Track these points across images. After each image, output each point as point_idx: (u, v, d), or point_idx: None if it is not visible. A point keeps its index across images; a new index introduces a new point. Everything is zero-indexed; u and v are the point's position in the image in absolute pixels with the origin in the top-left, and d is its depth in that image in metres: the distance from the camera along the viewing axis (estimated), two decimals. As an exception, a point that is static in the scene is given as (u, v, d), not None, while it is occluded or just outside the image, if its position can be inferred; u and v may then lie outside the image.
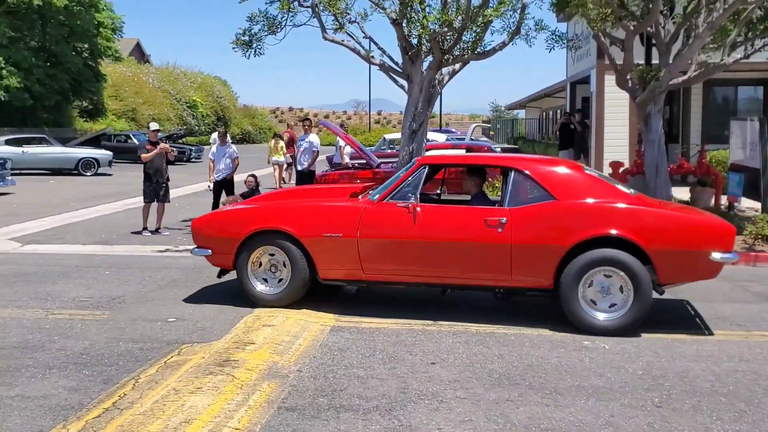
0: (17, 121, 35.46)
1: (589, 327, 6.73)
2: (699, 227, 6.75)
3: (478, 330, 6.92)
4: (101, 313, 7.47)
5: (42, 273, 9.45)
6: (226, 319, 7.17)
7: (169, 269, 9.85)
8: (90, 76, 36.69)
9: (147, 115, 48.34)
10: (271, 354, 6.01)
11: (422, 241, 6.99)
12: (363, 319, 7.26)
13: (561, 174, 7.03)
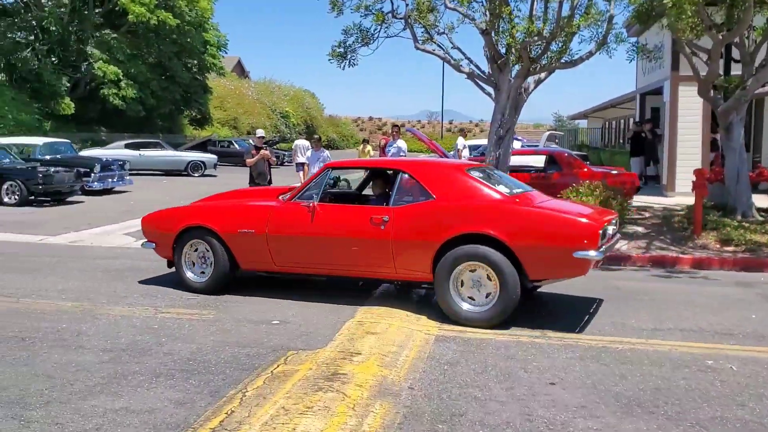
0: (136, 128, 35.80)
1: (459, 318, 6.43)
2: (562, 225, 6.27)
3: (590, 344, 5.86)
4: (208, 312, 6.71)
5: (153, 269, 8.82)
6: (329, 323, 6.30)
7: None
8: (198, 89, 36.77)
9: (246, 123, 48.47)
10: (380, 367, 5.08)
11: (318, 237, 7.01)
12: (466, 328, 6.28)
13: (441, 175, 6.88)
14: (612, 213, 7.14)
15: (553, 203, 6.99)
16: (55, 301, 7.06)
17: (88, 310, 6.73)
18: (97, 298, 7.23)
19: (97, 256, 9.92)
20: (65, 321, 6.29)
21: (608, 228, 6.60)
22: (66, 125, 31.20)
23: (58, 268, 8.93)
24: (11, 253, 10.09)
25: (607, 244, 6.47)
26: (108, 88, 30.33)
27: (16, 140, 20.48)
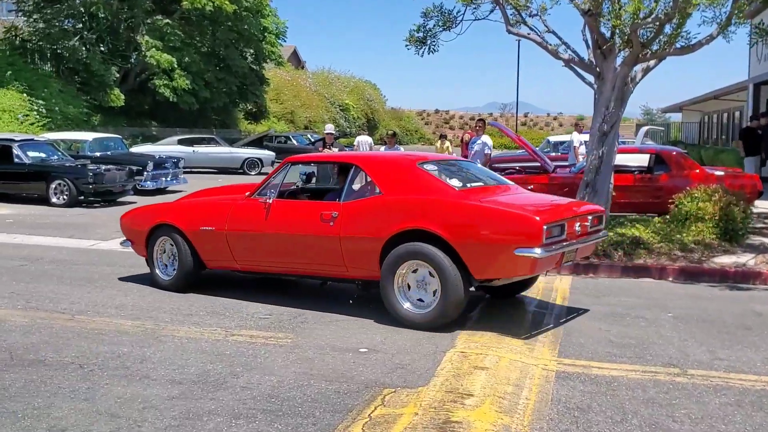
0: (189, 122, 36.18)
1: (403, 320, 6.55)
2: (501, 219, 6.28)
3: (743, 385, 5.24)
4: (284, 335, 6.35)
5: (217, 279, 8.55)
6: (426, 353, 5.85)
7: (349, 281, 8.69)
8: (255, 80, 36.93)
9: (304, 117, 48.62)
10: (498, 413, 4.59)
11: (272, 234, 7.25)
12: (590, 362, 5.73)
13: (390, 169, 7.01)
14: (590, 209, 7.16)
15: (509, 197, 6.92)
16: (114, 319, 6.83)
17: (151, 330, 6.46)
18: (159, 316, 6.97)
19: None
20: (126, 344, 6.02)
21: (567, 224, 6.46)
22: (115, 119, 31.74)
23: (114, 278, 8.78)
24: (62, 260, 10.02)
25: (564, 242, 6.37)
26: (160, 78, 30.65)
27: (64, 135, 20.79)
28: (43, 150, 17.82)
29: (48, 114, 24.46)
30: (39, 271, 9.13)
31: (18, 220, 14.00)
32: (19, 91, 24.22)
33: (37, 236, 12.16)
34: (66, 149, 19.08)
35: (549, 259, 6.25)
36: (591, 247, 7.16)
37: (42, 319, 6.75)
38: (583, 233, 6.78)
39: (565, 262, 6.68)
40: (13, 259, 10.03)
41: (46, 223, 13.76)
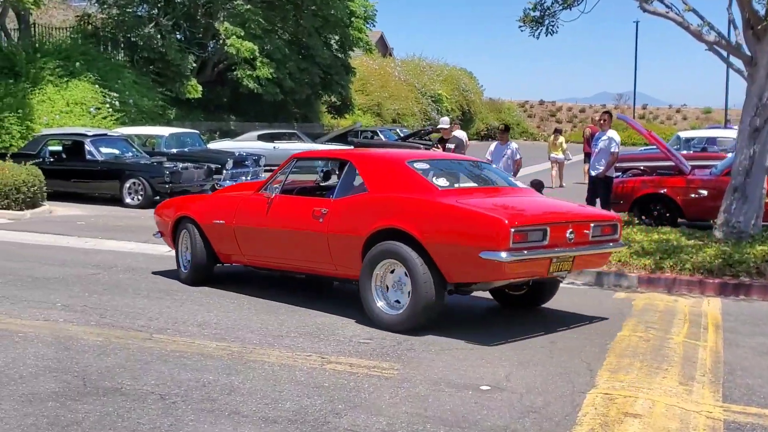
0: (269, 116, 36.48)
1: (376, 320, 6.98)
2: (468, 220, 6.60)
3: None
4: (389, 365, 5.99)
5: (306, 293, 8.29)
6: (560, 393, 5.38)
7: (463, 298, 8.32)
8: (340, 69, 36.85)
9: (392, 110, 48.40)
10: (664, 476, 4.09)
11: (270, 230, 7.98)
12: (765, 410, 5.13)
13: (378, 167, 7.53)
14: (593, 214, 7.61)
15: (498, 200, 7.19)
16: (196, 339, 6.64)
17: (238, 354, 6.23)
18: (246, 337, 6.74)
19: (240, 277, 9.57)
20: (211, 370, 5.79)
21: (550, 229, 6.62)
22: (191, 112, 32.25)
23: (193, 291, 8.65)
24: (137, 268, 10.00)
25: (547, 249, 6.57)
26: (242, 68, 30.91)
27: (138, 130, 21.22)
28: (117, 146, 18.18)
29: (121, 107, 24.94)
30: (113, 281, 9.11)
31: (89, 223, 14.22)
32: (91, 83, 24.77)
33: (110, 241, 12.28)
34: (140, 145, 19.43)
35: (525, 265, 6.52)
36: (599, 257, 7.47)
37: (118, 338, 6.62)
38: (581, 241, 6.94)
39: (559, 270, 6.84)
40: (86, 266, 10.08)
41: (120, 225, 13.92)
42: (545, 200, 8.07)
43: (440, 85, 55.82)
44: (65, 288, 8.64)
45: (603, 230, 7.28)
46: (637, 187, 12.96)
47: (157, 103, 27.83)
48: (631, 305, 8.40)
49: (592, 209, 8.95)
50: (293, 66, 33.70)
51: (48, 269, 9.77)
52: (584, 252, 7.02)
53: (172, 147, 19.69)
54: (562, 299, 8.62)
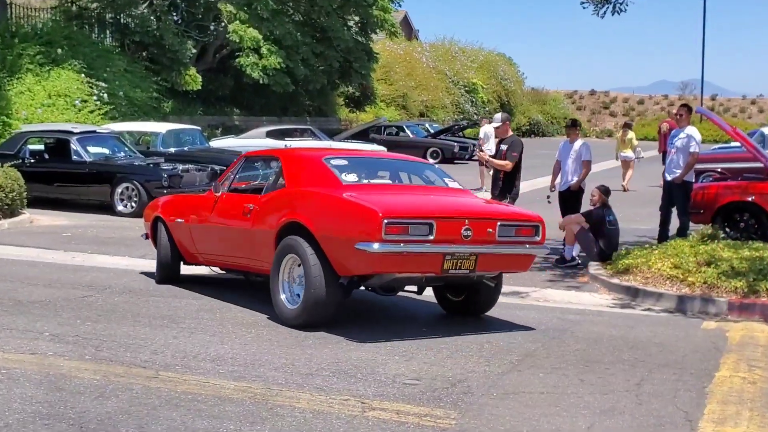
0: (278, 109, 36.38)
1: (280, 315, 8.07)
2: (348, 212, 7.64)
3: None
4: (444, 413, 5.73)
5: (338, 321, 8.06)
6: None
7: (517, 330, 8.07)
8: (360, 55, 36.62)
9: (419, 102, 48.20)
10: None
11: (213, 226, 9.34)
12: None
13: (297, 163, 8.78)
14: (504, 213, 8.41)
15: (405, 197, 8.28)
16: (210, 378, 6.42)
17: (261, 397, 6.00)
18: (270, 375, 6.52)
19: (258, 301, 9.34)
20: (231, 417, 5.56)
21: (437, 223, 7.38)
22: (190, 105, 32.19)
23: (204, 317, 8.46)
24: (136, 289, 9.85)
25: (434, 244, 7.40)
26: (246, 56, 30.83)
27: (131, 126, 21.15)
28: (107, 145, 18.09)
29: (111, 99, 24.86)
30: (108, 305, 8.95)
31: (77, 234, 14.11)
32: (76, 71, 24.71)
33: (102, 256, 12.19)
34: (134, 144, 19.32)
35: (407, 259, 7.38)
36: (514, 259, 8.09)
37: (118, 376, 6.41)
38: (484, 240, 7.63)
39: (457, 269, 7.58)
40: (75, 287, 9.94)
41: (112, 238, 13.81)
42: (461, 200, 8.53)
43: (475, 72, 55.56)
44: (53, 313, 8.46)
45: (517, 231, 7.95)
46: (721, 194, 12.65)
47: (152, 95, 27.76)
48: (725, 337, 8.12)
49: (507, 208, 9.07)
50: (306, 51, 33.54)
51: (32, 291, 9.62)
52: (489, 251, 7.71)
53: (169, 146, 19.56)
54: (641, 330, 8.38)
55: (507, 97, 58.02)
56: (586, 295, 10.23)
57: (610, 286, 10.33)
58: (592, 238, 11.58)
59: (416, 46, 55.34)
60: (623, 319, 8.97)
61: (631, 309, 9.53)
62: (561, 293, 10.29)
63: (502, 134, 11.99)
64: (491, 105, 55.51)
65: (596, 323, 8.77)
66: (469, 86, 53.98)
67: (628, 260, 10.63)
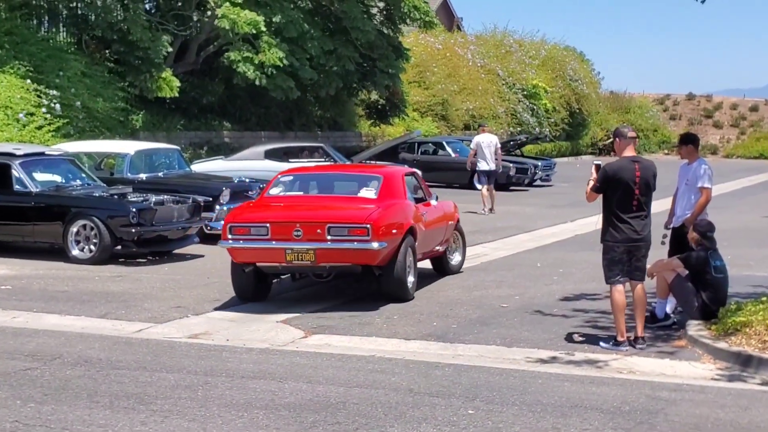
0: (280, 121, 36.54)
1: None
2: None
3: None
4: None
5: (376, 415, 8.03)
6: None
7: (594, 413, 8.02)
8: (386, 52, 36.74)
9: (463, 111, 48.26)
10: None
11: None
12: None
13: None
14: (319, 216, 13.31)
15: (285, 207, 14.11)
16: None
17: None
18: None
19: (249, 373, 9.49)
20: None
21: (270, 226, 13.09)
22: (166, 118, 32.32)
23: (181, 394, 8.53)
24: (93, 359, 9.94)
25: (265, 240, 13.02)
26: (238, 50, 30.97)
27: (91, 146, 21.33)
28: (59, 170, 18.23)
29: (65, 111, 25.03)
30: (58, 381, 9.00)
31: (19, 287, 14.23)
32: (20, 76, 24.97)
33: (50, 315, 12.29)
34: (93, 169, 19.46)
35: (251, 252, 13.10)
36: (346, 253, 12.92)
37: (69, 475, 6.42)
38: (315, 238, 12.75)
39: (300, 260, 12.80)
40: (14, 356, 10.01)
41: (64, 291, 13.92)
42: (333, 209, 13.70)
43: (536, 72, 55.77)
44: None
45: (350, 231, 12.75)
46: None
47: (117, 105, 28.00)
48: None
49: (340, 213, 13.40)
50: (315, 47, 33.56)
51: (-41, 362, 9.69)
52: (321, 247, 12.67)
53: (139, 171, 19.72)
54: (757, 411, 8.36)
55: (578, 103, 58.15)
56: (683, 364, 10.15)
57: (716, 352, 10.26)
58: (692, 289, 11.50)
59: (459, 39, 55.62)
60: (733, 397, 8.88)
61: (743, 383, 9.44)
62: (651, 362, 10.23)
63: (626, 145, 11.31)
64: (558, 114, 55.59)
65: (698, 403, 8.70)
66: (528, 90, 54.14)
67: (740, 318, 10.55)
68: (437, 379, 9.25)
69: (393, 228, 13.14)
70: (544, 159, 40.70)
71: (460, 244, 16.28)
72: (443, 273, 15.65)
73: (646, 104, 67.80)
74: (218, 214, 18.72)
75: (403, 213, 13.84)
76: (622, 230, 10.61)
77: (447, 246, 15.65)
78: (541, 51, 58.62)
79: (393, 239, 13.05)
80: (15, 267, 16.08)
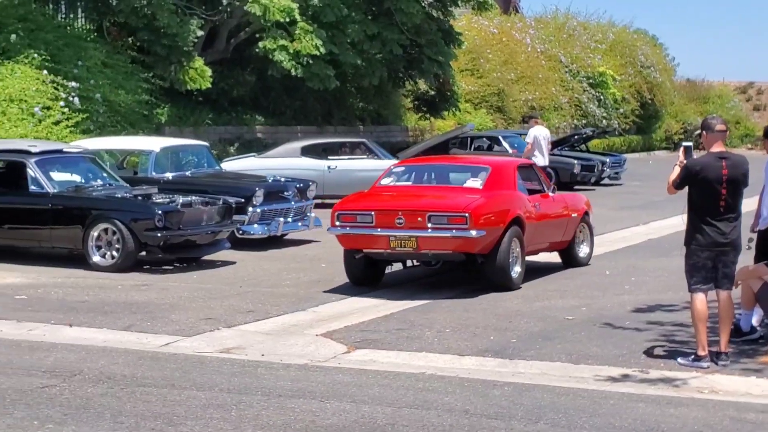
0: (318, 115, 36.53)
1: None
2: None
3: None
4: None
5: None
6: None
7: None
8: (436, 37, 36.60)
9: (521, 101, 48.15)
10: None
11: None
12: None
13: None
14: (421, 205, 15.10)
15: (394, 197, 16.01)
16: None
17: None
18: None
19: (287, 392, 9.49)
20: None
21: (375, 214, 14.92)
22: (194, 111, 32.37)
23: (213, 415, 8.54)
24: (117, 375, 9.97)
25: (369, 227, 14.95)
26: (272, 38, 30.99)
27: (112, 143, 21.45)
28: (78, 169, 18.33)
29: (84, 105, 25.15)
30: (78, 400, 9.03)
31: (36, 297, 14.34)
32: (36, 66, 25.10)
33: (69, 328, 12.35)
34: (115, 167, 19.55)
35: (355, 238, 15.01)
36: (446, 241, 14.50)
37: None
38: (416, 226, 14.50)
39: (402, 247, 14.52)
40: (31, 373, 10.05)
41: (85, 302, 14.00)
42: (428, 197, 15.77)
43: (602, 58, 55.48)
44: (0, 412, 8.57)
45: (449, 220, 14.37)
46: None
47: (141, 98, 28.07)
48: None
49: (442, 202, 15.23)
50: (357, 32, 33.50)
51: (-29, 379, 9.77)
52: (422, 235, 14.33)
53: (165, 169, 19.77)
54: None
55: (650, 92, 57.76)
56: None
57: (808, 368, 10.13)
58: (781, 299, 11.37)
59: (516, 22, 55.48)
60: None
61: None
62: (735, 380, 10.14)
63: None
64: (627, 105, 55.25)
65: (790, 426, 8.59)
66: (594, 78, 53.90)
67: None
68: (495, 400, 9.22)
69: (494, 217, 14.58)
70: (612, 155, 40.38)
71: (588, 237, 17.67)
72: (570, 265, 17.18)
73: (727, 93, 67.29)
74: (251, 216, 18.76)
75: (509, 203, 15.24)
76: (707, 233, 10.47)
77: (571, 238, 17.00)
78: (609, 35, 58.40)
79: (494, 228, 14.48)
80: (31, 275, 16.20)
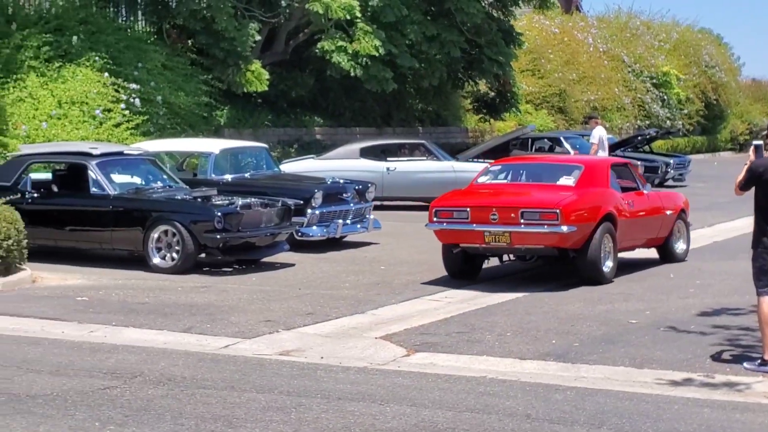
0: (377, 117, 36.48)
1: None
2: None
3: None
4: None
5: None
6: None
7: None
8: (496, 37, 36.47)
9: (583, 102, 47.83)
10: None
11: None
12: None
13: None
14: (514, 202, 15.95)
15: (488, 194, 16.89)
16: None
17: None
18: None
19: (346, 395, 9.50)
20: None
21: (470, 210, 15.84)
22: (253, 113, 32.41)
23: (273, 417, 8.57)
24: (177, 377, 10.03)
25: (464, 223, 15.92)
26: (331, 39, 31.04)
27: (172, 145, 21.60)
28: (138, 171, 18.51)
29: (145, 107, 25.29)
30: (139, 401, 9.11)
31: (97, 298, 14.46)
32: (97, 69, 25.20)
33: (129, 329, 12.48)
34: (175, 169, 19.68)
35: (452, 233, 15.90)
36: (538, 236, 15.39)
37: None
38: (509, 221, 15.27)
39: (497, 242, 15.39)
40: (93, 374, 10.14)
41: (145, 303, 14.12)
42: (521, 194, 16.62)
43: (666, 57, 55.06)
44: (62, 413, 8.65)
45: (541, 216, 15.16)
46: None
47: (200, 100, 28.19)
48: None
49: (534, 199, 16.13)
50: (416, 32, 33.44)
51: (34, 380, 9.86)
52: (515, 230, 15.11)
53: (225, 171, 19.88)
54: None
55: (715, 93, 57.23)
56: None
57: None
58: None
59: (578, 22, 55.18)
60: None
61: None
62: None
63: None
64: (692, 105, 54.79)
65: None
66: (658, 78, 53.50)
67: None
68: (558, 404, 9.18)
69: (586, 213, 15.39)
70: (676, 156, 40.01)
71: (684, 233, 18.28)
72: (666, 260, 17.83)
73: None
74: (310, 218, 18.80)
75: (600, 200, 16.02)
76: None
77: (668, 234, 17.62)
78: (672, 34, 57.95)
79: (585, 224, 15.27)
80: (92, 277, 16.37)
